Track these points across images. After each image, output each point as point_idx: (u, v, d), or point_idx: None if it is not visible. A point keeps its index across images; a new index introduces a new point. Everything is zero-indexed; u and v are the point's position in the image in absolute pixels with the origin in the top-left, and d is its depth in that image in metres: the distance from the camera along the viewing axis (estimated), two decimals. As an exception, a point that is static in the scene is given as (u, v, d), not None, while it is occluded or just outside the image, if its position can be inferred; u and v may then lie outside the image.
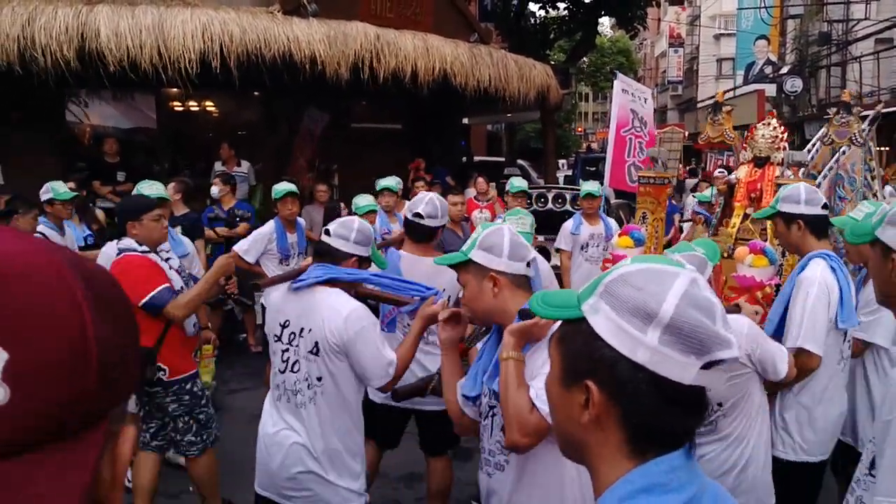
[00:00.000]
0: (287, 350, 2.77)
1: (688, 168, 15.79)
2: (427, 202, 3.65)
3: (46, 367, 0.46)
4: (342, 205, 6.69)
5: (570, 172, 21.47)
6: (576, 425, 0.98)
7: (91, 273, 0.52)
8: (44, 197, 5.54)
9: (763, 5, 22.94)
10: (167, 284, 3.44)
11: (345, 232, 2.82)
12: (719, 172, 9.91)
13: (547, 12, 18.32)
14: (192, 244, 4.84)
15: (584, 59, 29.64)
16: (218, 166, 8.94)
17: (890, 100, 15.93)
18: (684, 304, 0.92)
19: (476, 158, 16.52)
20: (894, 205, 1.77)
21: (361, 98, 10.29)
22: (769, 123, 4.72)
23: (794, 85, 20.83)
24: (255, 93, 9.55)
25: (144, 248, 3.48)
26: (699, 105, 34.76)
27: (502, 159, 19.19)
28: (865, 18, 19.01)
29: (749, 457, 2.74)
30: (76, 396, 0.47)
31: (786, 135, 4.72)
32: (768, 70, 24.84)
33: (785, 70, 23.00)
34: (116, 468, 0.51)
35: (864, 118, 5.01)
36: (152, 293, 3.34)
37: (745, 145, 4.79)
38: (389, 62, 7.65)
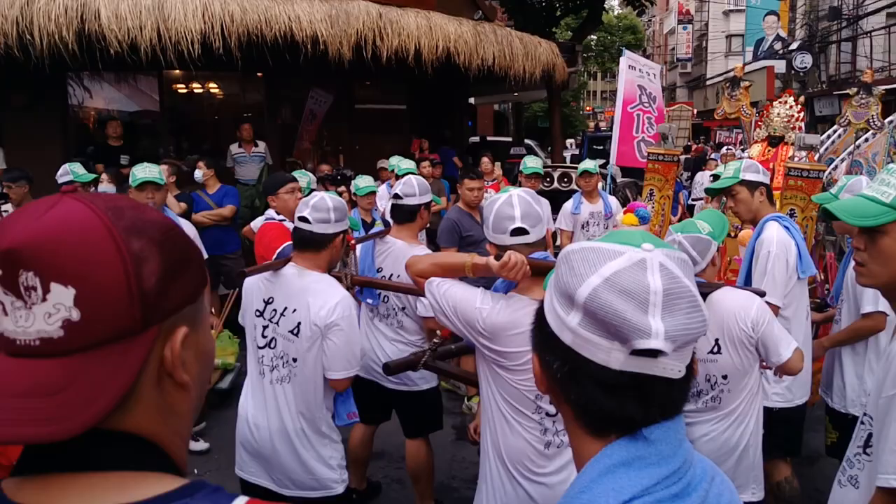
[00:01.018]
0: (267, 326, 2.82)
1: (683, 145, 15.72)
2: (404, 182, 3.75)
3: (102, 296, 0.71)
4: (343, 188, 6.65)
5: (577, 151, 21.31)
6: (545, 393, 1.01)
7: (135, 222, 0.76)
8: (62, 179, 5.53)
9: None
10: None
11: (324, 216, 2.81)
12: (726, 150, 9.79)
13: (553, -12, 18.00)
14: (191, 226, 4.80)
15: (592, 36, 29.28)
16: (234, 148, 8.81)
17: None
18: (604, 287, 0.87)
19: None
20: None
21: (365, 79, 10.20)
22: (786, 101, 4.62)
23: (804, 61, 20.56)
24: (258, 74, 9.47)
25: (282, 217, 4.20)
26: (708, 82, 34.40)
27: (510, 139, 19.04)
28: (877, -8, 18.67)
29: (750, 435, 2.78)
30: (125, 314, 0.73)
31: (802, 114, 4.61)
32: (778, 46, 24.55)
33: (794, 46, 22.69)
34: (174, 353, 0.78)
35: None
36: (280, 248, 3.73)
37: (759, 123, 4.68)
38: (392, 41, 7.53)
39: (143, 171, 4.30)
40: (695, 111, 25.22)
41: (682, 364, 0.90)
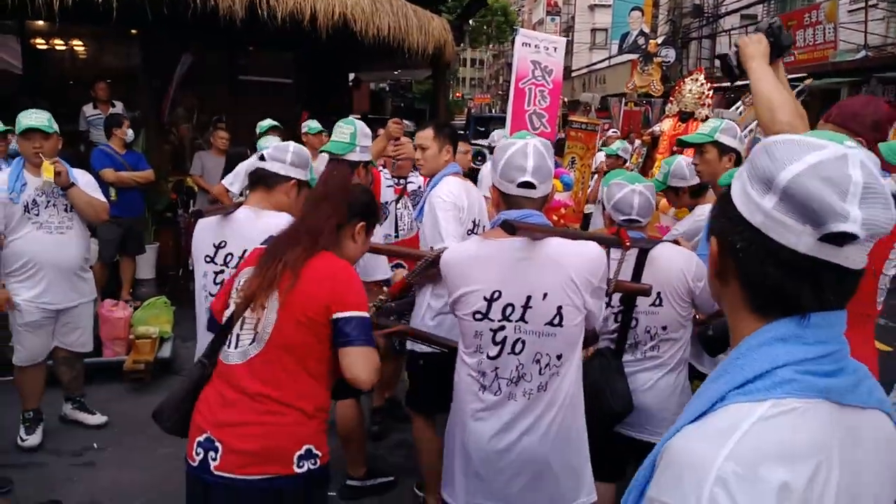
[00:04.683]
0: (222, 272, 2.72)
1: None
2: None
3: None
4: (247, 151, 6.33)
5: (461, 132, 21.56)
6: (711, 277, 1.09)
7: None
8: None
9: (640, -24, 23.64)
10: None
11: (280, 154, 2.86)
12: (612, 132, 10.17)
13: (438, -33, 17.97)
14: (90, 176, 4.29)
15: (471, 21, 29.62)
16: (89, 109, 8.19)
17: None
18: (808, 173, 0.92)
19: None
20: None
21: (250, 45, 9.70)
22: (697, 79, 4.78)
23: (668, 55, 21.64)
24: (133, 31, 8.75)
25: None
26: (574, 74, 35.67)
27: (388, 118, 19.02)
28: (735, -8, 19.99)
29: (684, 379, 2.91)
30: None
31: (711, 91, 4.80)
32: (641, 41, 25.72)
33: (659, 41, 23.89)
34: None
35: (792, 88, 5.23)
36: None
37: (672, 99, 4.84)
38: (287, 2, 7.18)
39: (30, 118, 3.80)
40: (565, 99, 26.03)
41: (862, 256, 0.95)
